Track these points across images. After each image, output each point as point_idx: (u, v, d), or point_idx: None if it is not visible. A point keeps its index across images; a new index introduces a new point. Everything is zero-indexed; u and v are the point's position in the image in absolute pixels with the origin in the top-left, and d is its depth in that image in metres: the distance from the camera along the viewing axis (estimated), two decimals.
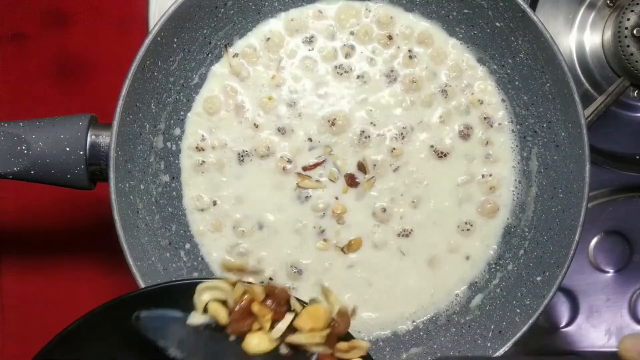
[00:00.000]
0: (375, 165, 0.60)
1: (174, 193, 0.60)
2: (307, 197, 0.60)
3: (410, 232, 0.60)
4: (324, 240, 0.60)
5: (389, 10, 0.60)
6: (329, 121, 0.60)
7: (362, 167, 0.60)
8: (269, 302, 0.46)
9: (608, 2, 0.69)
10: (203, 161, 0.59)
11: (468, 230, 0.60)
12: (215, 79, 0.60)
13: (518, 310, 0.57)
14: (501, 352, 0.55)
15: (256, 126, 0.60)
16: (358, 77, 0.60)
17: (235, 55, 0.60)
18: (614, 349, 0.70)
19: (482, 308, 0.60)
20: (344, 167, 0.60)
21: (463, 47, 0.61)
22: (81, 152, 0.54)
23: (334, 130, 0.60)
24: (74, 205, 0.71)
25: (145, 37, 0.54)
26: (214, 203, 0.60)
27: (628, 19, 0.65)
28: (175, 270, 0.58)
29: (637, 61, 0.65)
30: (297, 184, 0.59)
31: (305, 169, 0.59)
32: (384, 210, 0.60)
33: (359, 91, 0.60)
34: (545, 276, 0.56)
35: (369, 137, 0.60)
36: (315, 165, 0.60)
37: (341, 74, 0.60)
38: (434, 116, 0.60)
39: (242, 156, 0.59)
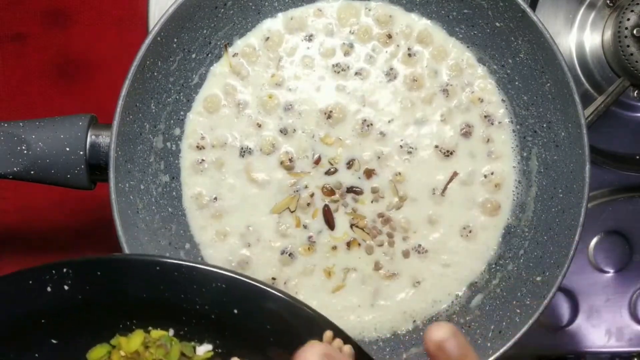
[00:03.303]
0: (379, 157, 0.60)
1: (174, 193, 0.60)
2: (311, 195, 0.60)
3: (411, 233, 0.60)
4: (312, 241, 0.60)
5: (389, 10, 0.60)
6: (325, 113, 0.59)
7: (354, 192, 0.60)
8: None
9: (608, 2, 0.69)
10: (202, 160, 0.59)
11: (470, 231, 0.60)
12: (215, 78, 0.60)
13: (518, 310, 0.57)
14: (501, 352, 0.55)
15: (259, 125, 0.60)
16: (356, 74, 0.60)
17: (235, 54, 0.60)
18: (614, 350, 0.70)
19: (482, 308, 0.60)
20: (360, 166, 0.60)
21: (463, 47, 0.61)
22: (81, 152, 0.54)
23: (331, 122, 0.60)
24: (74, 205, 0.71)
25: (145, 37, 0.54)
26: (214, 202, 0.60)
27: (628, 19, 0.65)
28: None
29: (637, 61, 0.65)
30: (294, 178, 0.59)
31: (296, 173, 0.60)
32: (381, 215, 0.60)
33: (358, 88, 0.60)
34: (545, 276, 0.56)
35: (370, 125, 0.60)
36: (317, 162, 0.60)
37: (338, 72, 0.60)
38: (436, 114, 0.60)
39: (244, 151, 0.59)
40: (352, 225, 0.60)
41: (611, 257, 0.70)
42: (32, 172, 0.54)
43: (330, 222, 0.60)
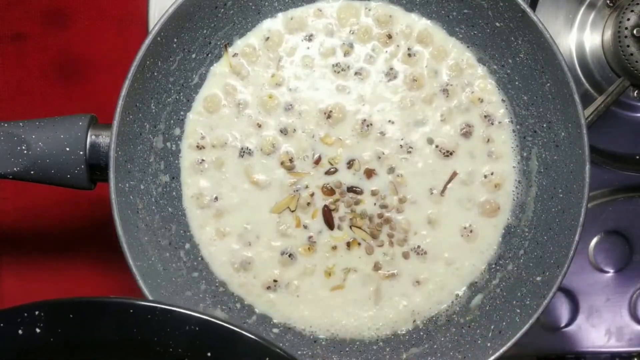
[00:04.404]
0: (380, 157, 0.60)
1: (174, 193, 0.60)
2: (311, 194, 0.60)
3: (411, 233, 0.60)
4: (312, 241, 0.60)
5: (389, 10, 0.60)
6: (325, 113, 0.59)
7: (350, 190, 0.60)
8: None
9: (608, 2, 0.69)
10: (202, 160, 0.60)
11: (470, 231, 0.60)
12: (215, 78, 0.60)
13: (518, 310, 0.57)
14: (501, 352, 0.55)
15: (259, 125, 0.60)
16: (356, 74, 0.60)
17: (235, 55, 0.60)
18: (614, 350, 0.70)
19: (482, 308, 0.60)
20: (360, 166, 0.60)
21: (463, 47, 0.61)
22: (81, 152, 0.54)
23: (331, 122, 0.60)
24: (74, 205, 0.71)
25: (145, 37, 0.54)
26: (214, 202, 0.60)
27: (628, 19, 0.65)
28: (175, 270, 0.58)
29: (637, 61, 0.65)
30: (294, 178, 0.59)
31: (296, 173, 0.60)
32: (381, 216, 0.60)
33: (358, 88, 0.60)
34: (545, 276, 0.56)
35: (370, 125, 0.60)
36: (317, 162, 0.60)
37: (338, 72, 0.60)
38: (436, 114, 0.60)
39: (244, 151, 0.59)
40: (351, 226, 0.60)
41: (611, 257, 0.70)
42: (32, 172, 0.54)
43: (330, 222, 0.60)
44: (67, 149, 0.54)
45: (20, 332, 0.42)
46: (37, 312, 0.42)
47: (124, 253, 0.54)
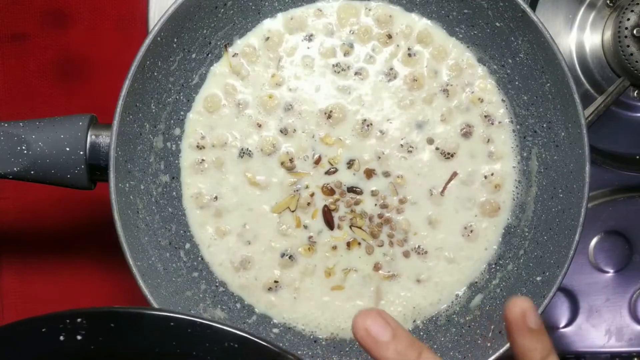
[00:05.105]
0: (380, 157, 0.60)
1: (174, 193, 0.60)
2: (311, 194, 0.60)
3: (411, 234, 0.60)
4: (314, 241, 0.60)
5: (389, 10, 0.60)
6: (325, 113, 0.60)
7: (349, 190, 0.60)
8: None
9: (608, 2, 0.69)
10: (202, 159, 0.60)
11: (471, 231, 0.60)
12: (215, 78, 0.60)
13: None
14: (501, 352, 0.55)
15: (259, 125, 0.60)
16: (356, 74, 0.60)
17: (235, 54, 0.60)
18: (614, 350, 0.70)
19: (482, 308, 0.60)
20: (360, 166, 0.60)
21: (463, 47, 0.61)
22: (81, 152, 0.54)
23: (331, 122, 0.60)
24: (74, 205, 0.71)
25: (145, 37, 0.54)
26: (214, 202, 0.60)
27: (628, 19, 0.65)
28: (175, 270, 0.58)
29: (637, 61, 0.65)
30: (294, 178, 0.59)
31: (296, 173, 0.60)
32: (381, 216, 0.60)
33: (358, 88, 0.60)
34: (545, 276, 0.56)
35: (370, 125, 0.60)
36: (318, 162, 0.60)
37: (338, 72, 0.60)
38: (436, 114, 0.60)
39: (244, 152, 0.59)
40: (351, 226, 0.60)
41: (611, 257, 0.70)
42: (32, 172, 0.54)
43: (330, 222, 0.60)
44: (67, 149, 0.54)
45: (61, 338, 0.42)
46: (79, 320, 0.42)
47: (124, 253, 0.54)
